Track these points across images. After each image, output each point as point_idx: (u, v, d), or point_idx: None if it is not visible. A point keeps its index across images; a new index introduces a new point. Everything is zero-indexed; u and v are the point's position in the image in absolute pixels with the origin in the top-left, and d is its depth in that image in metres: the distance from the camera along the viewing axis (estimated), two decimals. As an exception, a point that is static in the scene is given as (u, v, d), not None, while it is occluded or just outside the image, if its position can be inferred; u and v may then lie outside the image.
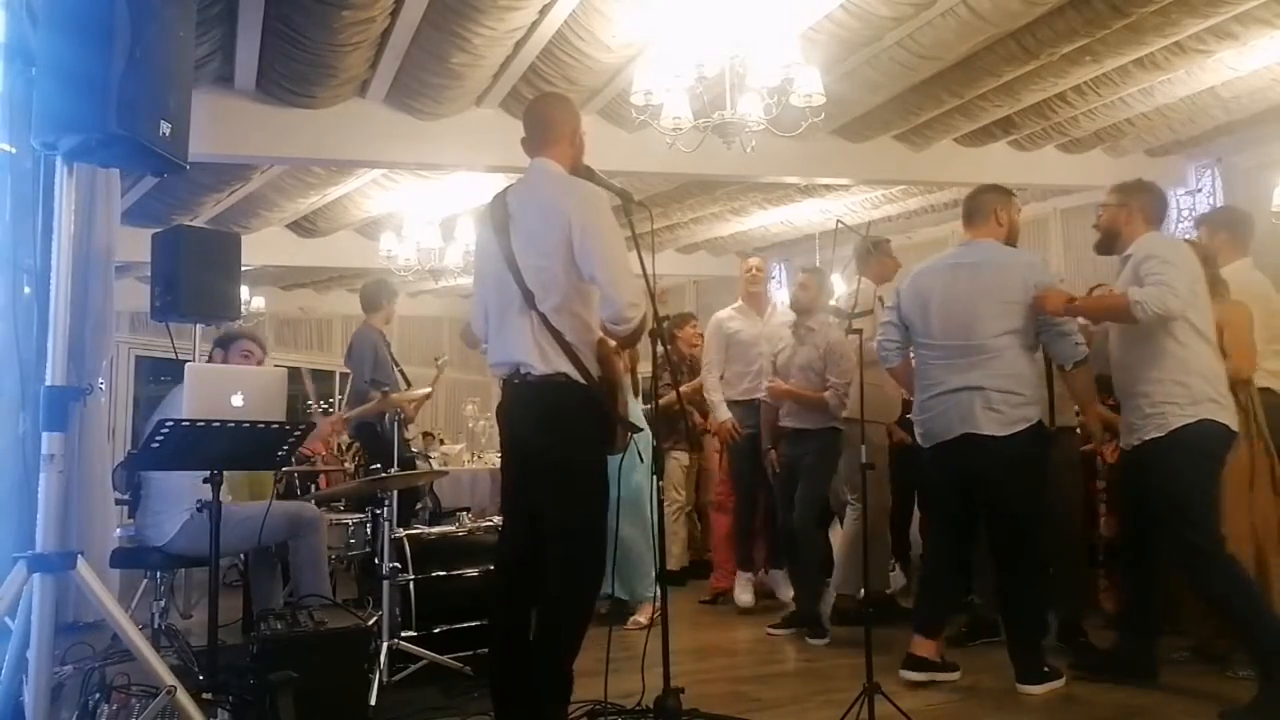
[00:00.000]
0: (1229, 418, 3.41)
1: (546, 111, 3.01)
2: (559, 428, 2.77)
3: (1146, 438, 3.47)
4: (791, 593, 4.94)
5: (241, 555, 4.39)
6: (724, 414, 5.27)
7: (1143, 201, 3.62)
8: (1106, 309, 3.63)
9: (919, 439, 3.83)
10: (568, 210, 2.76)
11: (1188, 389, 3.37)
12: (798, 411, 4.75)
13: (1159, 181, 7.52)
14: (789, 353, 4.85)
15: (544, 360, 2.75)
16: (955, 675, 3.71)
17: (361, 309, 6.19)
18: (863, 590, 4.22)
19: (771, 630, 4.72)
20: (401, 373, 5.95)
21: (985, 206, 3.83)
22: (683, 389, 5.59)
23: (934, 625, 3.74)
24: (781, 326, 5.16)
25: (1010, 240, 3.85)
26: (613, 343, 2.92)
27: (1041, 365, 3.75)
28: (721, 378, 5.39)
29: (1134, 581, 3.73)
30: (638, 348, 4.25)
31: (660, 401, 4.36)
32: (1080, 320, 3.75)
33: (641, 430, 4.35)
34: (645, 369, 5.75)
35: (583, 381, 2.76)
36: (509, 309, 2.82)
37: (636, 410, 4.84)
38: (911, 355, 3.92)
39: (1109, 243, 3.67)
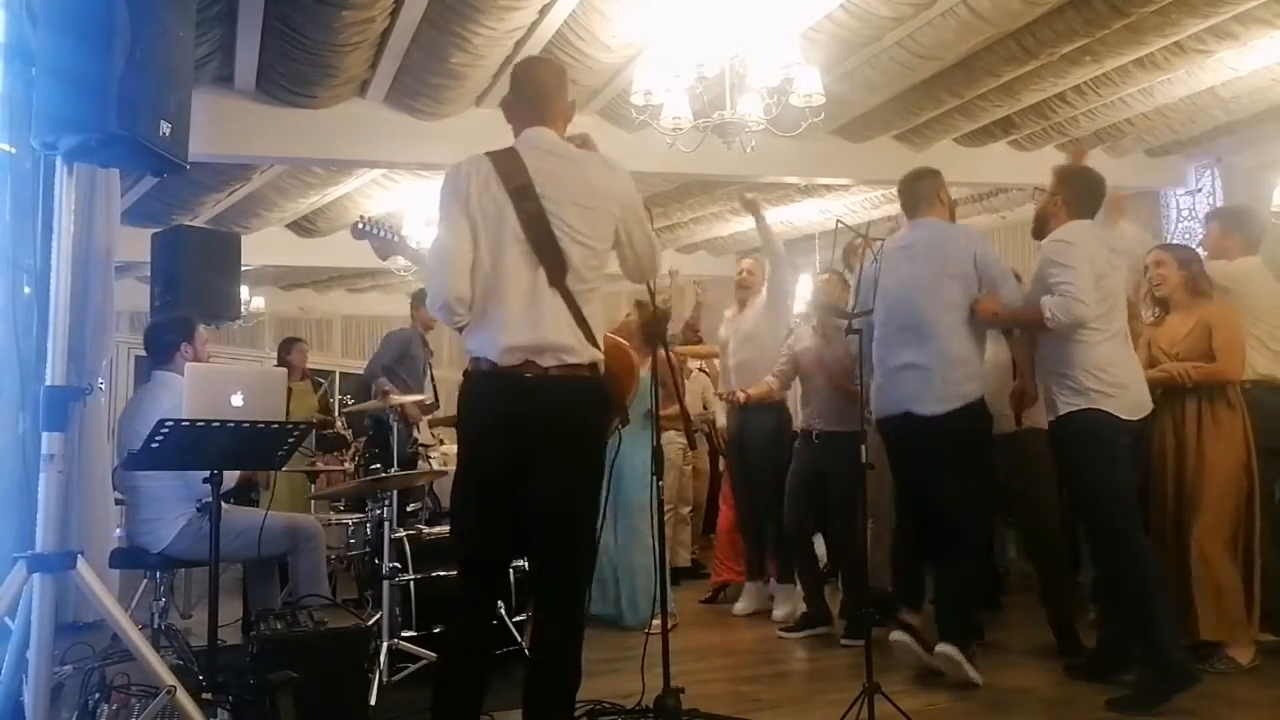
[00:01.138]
0: (1119, 406, 3.43)
1: (550, 79, 2.73)
2: (594, 428, 2.57)
3: (1049, 418, 3.62)
4: (783, 610, 4.92)
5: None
6: (719, 422, 5.33)
7: (1070, 192, 3.64)
8: (1025, 321, 3.70)
9: (872, 409, 3.86)
10: (617, 191, 2.61)
11: (1073, 381, 3.46)
12: (828, 414, 4.60)
13: (1159, 182, 7.59)
14: (815, 349, 4.70)
15: (582, 346, 2.50)
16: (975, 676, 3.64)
17: None
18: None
19: (783, 633, 4.70)
20: (433, 384, 5.98)
21: (928, 192, 3.88)
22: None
23: (912, 595, 3.83)
24: (760, 315, 5.16)
25: (951, 216, 3.96)
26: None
27: (984, 342, 3.83)
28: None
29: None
30: None
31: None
32: None
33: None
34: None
35: (603, 373, 2.60)
36: (533, 284, 2.49)
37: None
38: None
39: (1039, 230, 3.74)
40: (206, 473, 2.93)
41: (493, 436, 2.53)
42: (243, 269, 5.57)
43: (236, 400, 3.00)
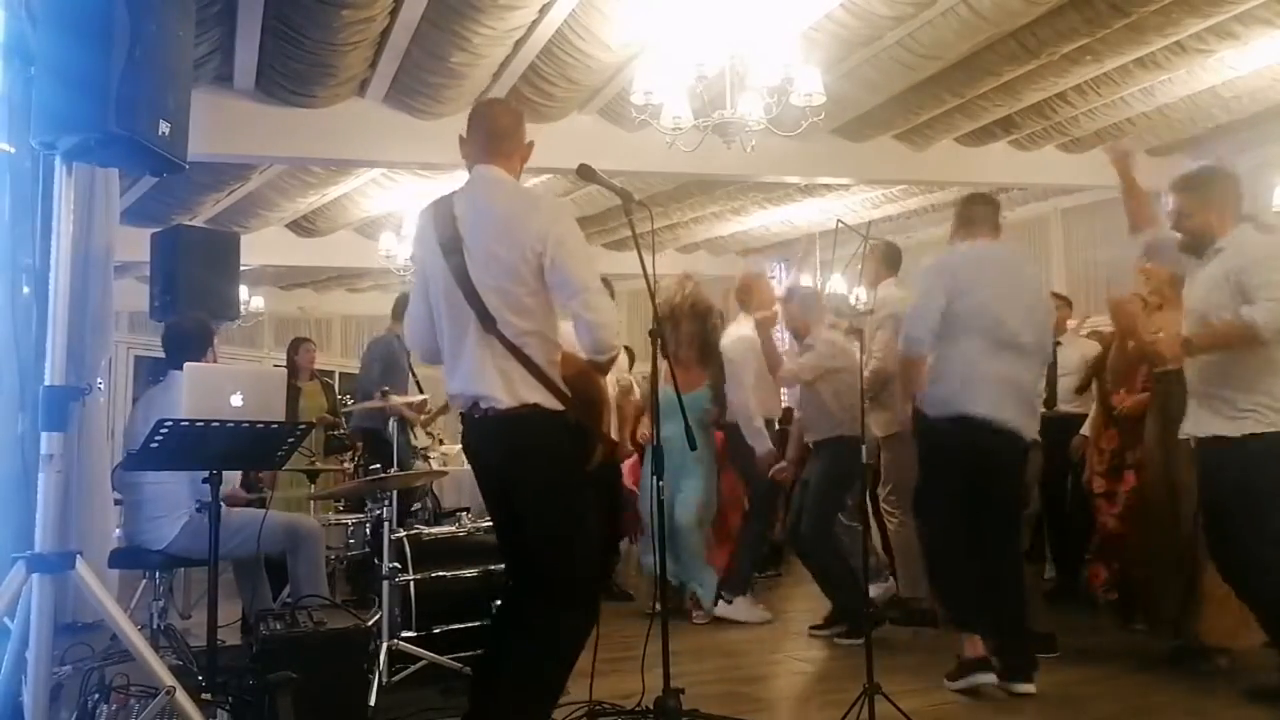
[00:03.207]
0: None
1: (506, 121, 2.74)
2: (533, 460, 2.56)
3: (1220, 433, 3.31)
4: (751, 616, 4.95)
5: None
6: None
7: (1225, 198, 3.40)
8: (1229, 340, 3.27)
9: (939, 417, 3.63)
10: (536, 228, 2.51)
11: (1270, 398, 3.22)
12: (809, 426, 4.71)
13: (1159, 182, 7.58)
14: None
15: (510, 392, 2.50)
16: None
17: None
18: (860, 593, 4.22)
19: (814, 631, 4.66)
20: (417, 382, 6.01)
21: (989, 215, 3.85)
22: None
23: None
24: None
25: None
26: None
27: None
28: None
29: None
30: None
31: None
32: None
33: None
34: (644, 368, 5.74)
35: (558, 408, 2.55)
36: (464, 334, 2.55)
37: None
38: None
39: (1198, 246, 3.43)
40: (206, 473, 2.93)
41: (474, 469, 2.78)
42: (242, 269, 5.57)
43: (236, 400, 2.99)
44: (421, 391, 5.96)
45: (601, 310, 2.51)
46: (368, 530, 4.65)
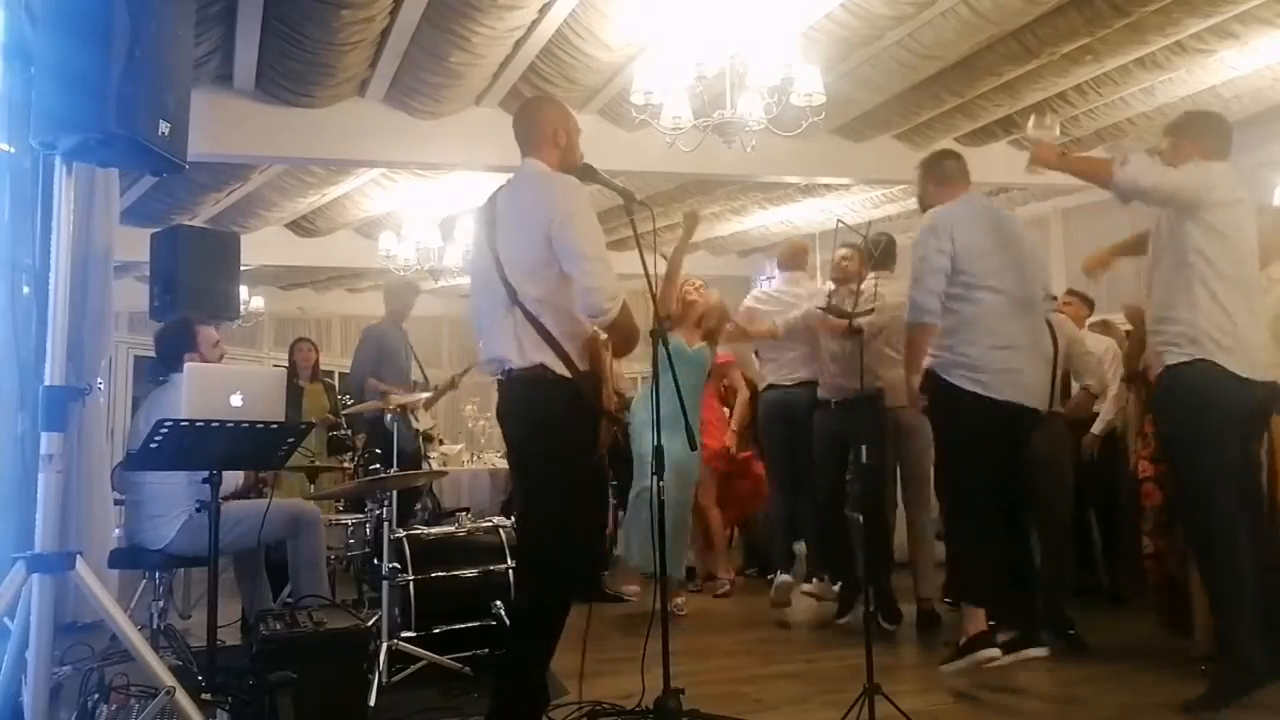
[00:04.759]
0: (1238, 363, 3.02)
1: (528, 115, 3.04)
2: (538, 421, 2.79)
3: (1155, 373, 3.24)
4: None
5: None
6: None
7: (1196, 133, 3.30)
8: (1089, 170, 3.32)
9: (981, 388, 3.41)
10: (545, 204, 2.80)
11: (1185, 325, 3.08)
12: (848, 375, 4.43)
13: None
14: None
15: (521, 354, 2.77)
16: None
17: None
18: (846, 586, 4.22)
19: (840, 621, 4.67)
20: (420, 367, 6.02)
21: (962, 169, 3.76)
22: None
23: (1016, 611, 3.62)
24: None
25: None
26: (604, 336, 2.92)
27: None
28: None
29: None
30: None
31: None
32: None
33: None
34: (643, 368, 5.74)
35: (564, 374, 2.76)
36: (496, 307, 2.84)
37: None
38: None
39: None
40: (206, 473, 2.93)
41: (504, 436, 3.06)
42: (242, 269, 5.58)
43: (235, 400, 2.99)
44: (424, 372, 5.99)
45: (597, 276, 2.74)
46: (368, 530, 4.65)
